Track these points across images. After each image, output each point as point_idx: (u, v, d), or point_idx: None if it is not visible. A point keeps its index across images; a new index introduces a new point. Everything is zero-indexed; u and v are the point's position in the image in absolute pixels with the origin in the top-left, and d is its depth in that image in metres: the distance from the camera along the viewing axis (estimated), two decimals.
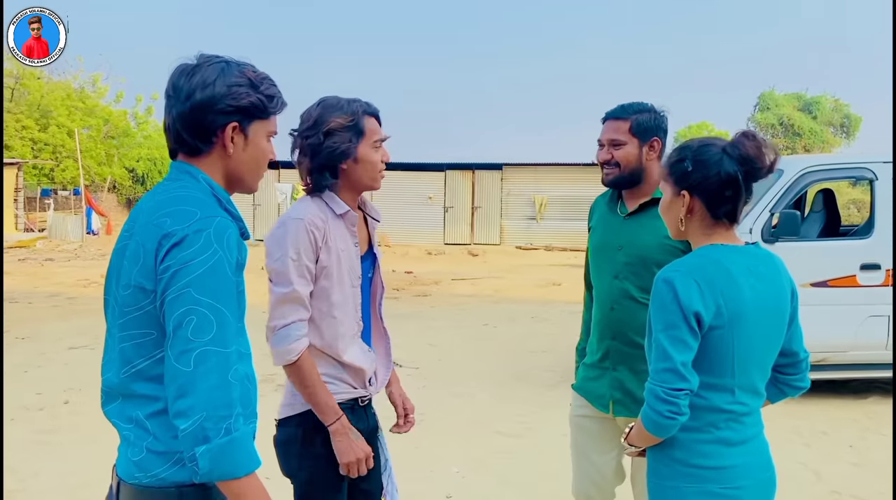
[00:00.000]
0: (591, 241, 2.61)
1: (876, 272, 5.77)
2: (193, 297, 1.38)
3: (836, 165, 6.36)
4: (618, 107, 2.49)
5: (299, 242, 2.09)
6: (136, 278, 1.45)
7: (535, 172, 22.97)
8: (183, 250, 1.39)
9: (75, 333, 8.70)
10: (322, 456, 2.14)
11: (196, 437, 1.35)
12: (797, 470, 4.43)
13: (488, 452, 4.74)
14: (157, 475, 1.47)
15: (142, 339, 1.46)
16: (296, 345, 2.09)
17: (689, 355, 1.71)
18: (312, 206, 2.16)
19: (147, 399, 1.48)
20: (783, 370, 1.95)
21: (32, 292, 12.17)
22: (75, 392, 6.09)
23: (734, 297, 1.74)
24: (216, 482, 1.41)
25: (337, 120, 2.12)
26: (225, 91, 1.52)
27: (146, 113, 35.97)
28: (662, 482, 1.84)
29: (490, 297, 12.23)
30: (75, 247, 20.90)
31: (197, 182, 1.54)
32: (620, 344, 2.47)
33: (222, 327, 1.40)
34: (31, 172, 28.59)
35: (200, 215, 1.43)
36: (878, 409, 5.81)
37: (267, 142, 1.63)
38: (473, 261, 19.32)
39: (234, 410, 1.39)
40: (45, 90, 30.08)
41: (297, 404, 2.18)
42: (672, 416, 1.71)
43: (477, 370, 6.83)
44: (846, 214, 21.06)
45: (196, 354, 1.37)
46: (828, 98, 36.26)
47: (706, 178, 1.79)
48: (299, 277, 2.09)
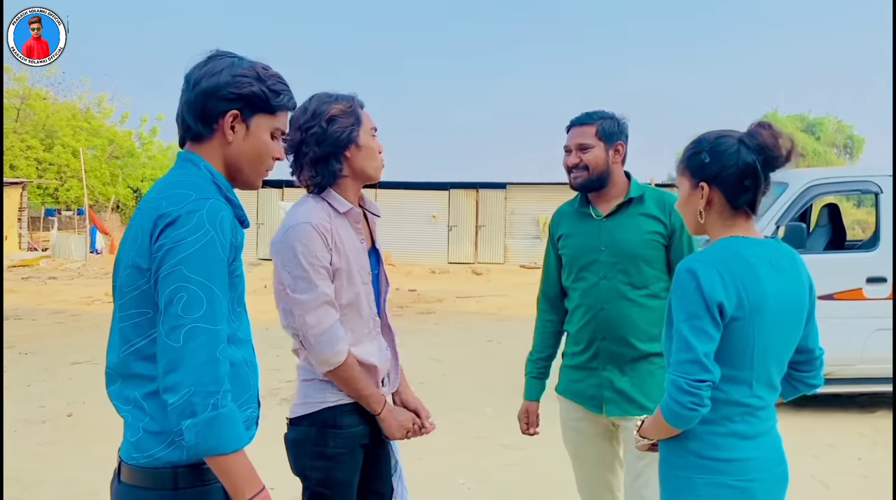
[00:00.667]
0: (567, 247, 2.63)
1: (882, 285, 5.76)
2: (184, 274, 1.41)
3: (841, 178, 6.38)
4: (583, 114, 2.57)
5: (313, 245, 2.06)
6: (134, 257, 1.48)
7: (539, 192, 23.01)
8: (176, 229, 1.42)
9: (78, 348, 8.70)
10: (334, 456, 2.13)
11: (184, 411, 1.38)
12: (807, 481, 4.39)
13: (494, 464, 4.72)
14: (152, 455, 1.49)
15: (139, 318, 1.49)
16: (341, 346, 2.09)
17: (711, 346, 1.70)
18: (316, 207, 2.13)
19: (144, 379, 1.49)
20: (798, 367, 1.93)
21: (36, 309, 12.18)
22: (78, 405, 6.09)
23: (755, 289, 1.73)
24: (203, 457, 1.42)
25: (337, 107, 2.14)
26: (229, 80, 1.56)
27: (151, 133, 36.22)
28: (676, 472, 1.82)
29: (494, 314, 12.22)
30: (78, 266, 20.92)
31: (198, 169, 1.57)
32: (611, 344, 2.50)
33: (212, 305, 1.42)
34: (35, 191, 28.75)
35: (195, 197, 1.46)
36: (886, 423, 5.76)
37: (271, 138, 1.64)
38: (477, 280, 19.31)
39: (221, 386, 1.41)
40: (51, 111, 30.32)
41: (309, 403, 2.17)
42: (695, 407, 1.68)
43: (482, 385, 6.81)
44: (851, 234, 21.07)
45: (186, 330, 1.40)
46: (831, 119, 36.49)
47: (725, 167, 1.78)
48: (321, 279, 2.07)
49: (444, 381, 6.97)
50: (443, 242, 23.25)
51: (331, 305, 2.09)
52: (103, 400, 5.02)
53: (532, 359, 2.78)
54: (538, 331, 2.78)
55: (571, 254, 2.61)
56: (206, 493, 1.51)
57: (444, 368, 7.75)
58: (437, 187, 23.23)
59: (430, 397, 2.51)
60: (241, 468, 1.43)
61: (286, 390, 6.45)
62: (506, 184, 23.36)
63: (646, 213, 2.50)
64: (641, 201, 2.52)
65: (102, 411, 5.92)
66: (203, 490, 1.50)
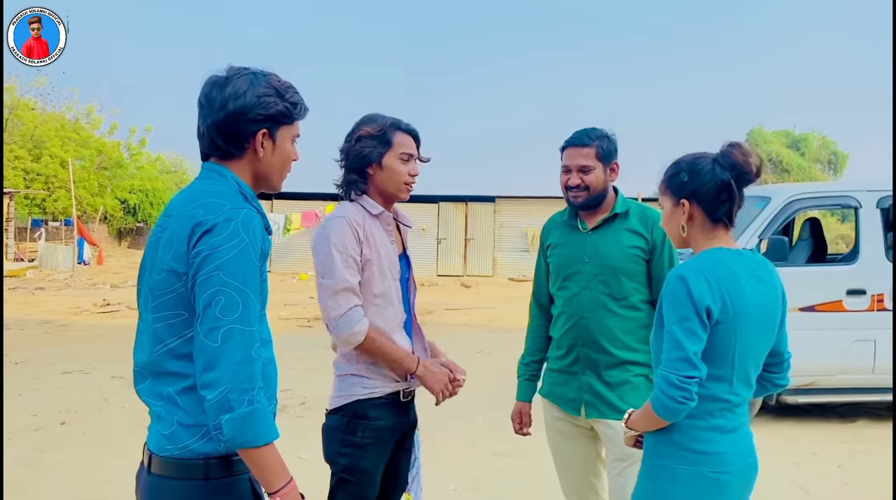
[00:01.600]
0: (555, 256, 2.77)
1: (861, 298, 5.91)
2: (222, 279, 1.51)
3: (822, 193, 6.54)
4: (580, 133, 2.67)
5: (344, 236, 2.29)
6: (170, 262, 1.57)
7: (527, 205, 23.19)
8: (213, 236, 1.52)
9: (69, 358, 8.71)
10: (361, 445, 2.33)
11: (221, 406, 1.48)
12: (787, 488, 4.51)
13: (485, 471, 4.81)
14: (186, 447, 1.57)
15: (174, 319, 1.58)
16: (359, 327, 2.28)
17: (700, 345, 1.86)
18: (350, 207, 2.39)
19: (178, 376, 1.58)
20: (769, 368, 2.10)
21: (24, 319, 12.15)
22: (71, 414, 6.12)
23: (738, 295, 1.90)
24: (238, 449, 1.51)
25: (366, 129, 2.40)
26: (255, 101, 1.66)
27: (139, 144, 36.22)
28: (660, 461, 1.97)
29: (484, 326, 12.32)
30: (66, 277, 20.84)
31: (225, 180, 1.67)
32: (590, 351, 2.63)
33: (247, 308, 1.53)
34: (22, 202, 28.61)
35: (230, 207, 1.57)
36: (867, 432, 5.90)
37: (291, 145, 1.77)
38: (466, 292, 19.40)
39: (255, 383, 1.51)
40: (39, 121, 30.27)
41: (342, 396, 2.37)
42: (684, 401, 1.84)
43: (473, 395, 6.85)
44: (835, 249, 21.33)
45: (223, 331, 1.50)
46: (815, 135, 37.00)
47: (702, 185, 1.97)
48: (346, 267, 2.28)
49: None
50: (432, 254, 23.34)
51: (351, 291, 2.29)
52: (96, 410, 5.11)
53: (524, 362, 2.89)
54: (530, 335, 2.89)
55: (558, 263, 2.74)
56: (234, 483, 1.60)
57: None
58: (426, 200, 23.32)
59: (421, 406, 2.63)
60: (272, 459, 1.52)
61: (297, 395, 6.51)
62: (495, 197, 23.52)
63: (629, 228, 2.64)
64: (626, 217, 2.65)
65: (95, 420, 5.99)
66: (231, 481, 1.60)
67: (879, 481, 4.73)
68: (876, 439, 5.71)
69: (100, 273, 22.42)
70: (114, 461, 4.92)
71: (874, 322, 5.88)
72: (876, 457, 5.25)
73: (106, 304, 14.36)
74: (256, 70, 1.71)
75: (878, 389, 5.97)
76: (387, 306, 2.37)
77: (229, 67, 1.71)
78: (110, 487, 4.44)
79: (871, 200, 6.04)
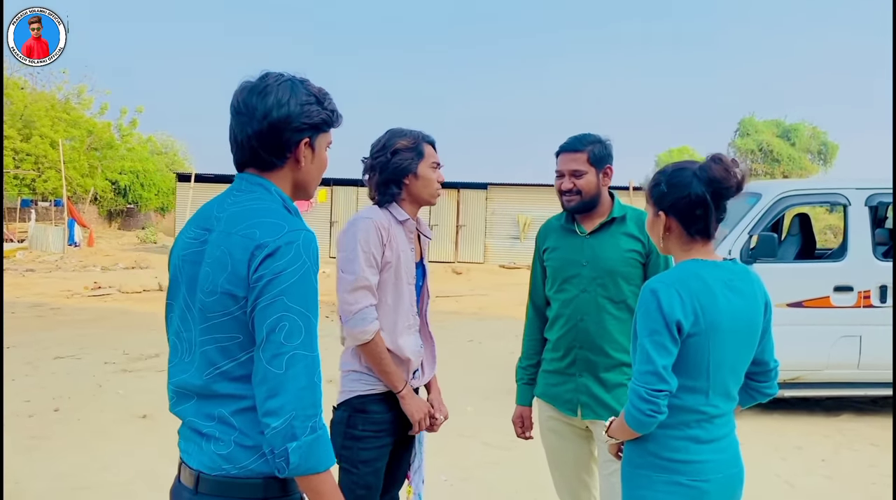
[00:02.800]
0: (552, 259, 2.80)
1: (849, 294, 5.99)
2: (286, 304, 1.48)
3: (812, 190, 6.61)
4: (573, 139, 2.72)
5: (369, 236, 2.43)
6: (224, 285, 1.53)
7: (519, 193, 23.22)
8: (276, 260, 1.49)
9: (61, 342, 8.72)
10: (361, 437, 2.48)
11: (286, 435, 1.45)
12: (772, 482, 4.60)
13: (476, 462, 4.88)
14: (245, 467, 1.56)
15: (228, 342, 1.55)
16: (371, 327, 2.43)
17: (669, 359, 1.88)
18: (379, 211, 2.54)
19: (232, 398, 1.56)
20: (754, 378, 2.11)
21: (15, 301, 12.12)
22: (65, 400, 6.15)
23: (711, 307, 1.90)
24: (299, 476, 1.50)
25: (402, 142, 2.55)
26: (299, 110, 1.62)
27: (130, 125, 35.94)
28: (636, 469, 2.01)
29: (475, 314, 12.37)
30: (56, 258, 20.76)
31: (270, 194, 1.63)
32: (588, 353, 2.68)
33: (310, 333, 1.50)
34: (11, 182, 28.39)
35: (289, 228, 1.53)
36: (850, 426, 6.01)
37: (326, 151, 1.75)
38: (457, 279, 19.45)
39: (318, 409, 1.50)
40: (29, 100, 29.97)
41: (346, 392, 2.53)
42: (652, 414, 1.87)
43: (464, 385, 6.94)
44: (822, 239, 21.49)
45: (287, 357, 1.47)
46: (806, 125, 37.04)
47: (679, 199, 1.97)
48: (368, 266, 2.43)
49: None
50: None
51: (369, 290, 2.43)
52: (89, 396, 5.14)
53: (522, 366, 2.93)
54: (527, 338, 2.94)
55: (555, 266, 2.78)
56: None
57: None
58: None
59: None
60: (329, 486, 1.52)
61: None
62: (487, 184, 23.53)
63: (626, 232, 2.68)
64: (623, 221, 2.70)
65: (89, 407, 6.02)
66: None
67: (860, 475, 4.84)
68: (859, 432, 5.82)
69: (90, 255, 22.34)
70: (109, 448, 4.97)
71: (860, 318, 5.97)
72: (858, 452, 5.36)
73: (97, 287, 14.34)
74: (293, 76, 1.67)
75: (863, 383, 6.08)
76: (399, 307, 2.51)
77: (264, 73, 1.67)
78: (105, 474, 4.48)
79: (860, 197, 6.11)
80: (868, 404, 6.57)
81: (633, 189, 18.52)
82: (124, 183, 33.41)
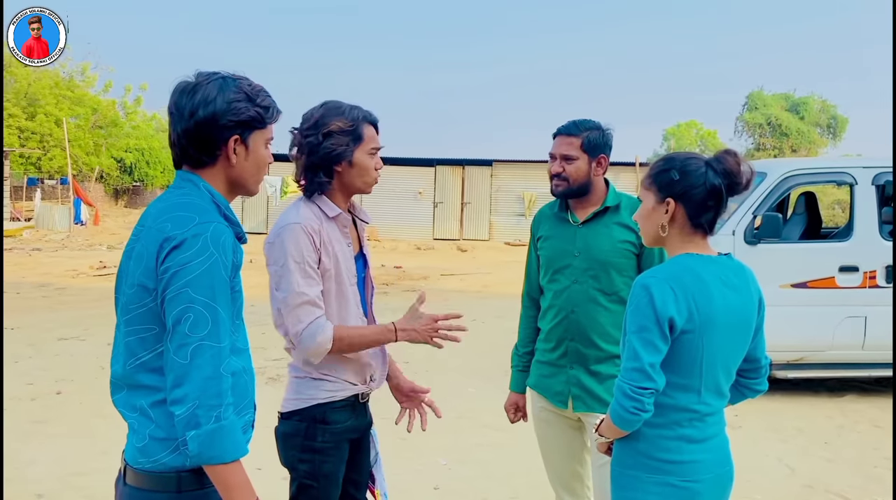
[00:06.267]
0: (545, 249, 2.75)
1: (854, 274, 5.93)
2: (191, 295, 1.51)
3: (818, 169, 6.52)
4: (570, 123, 2.64)
5: (300, 245, 2.15)
6: (140, 277, 1.57)
7: (524, 169, 23.07)
8: (182, 252, 1.52)
9: (65, 324, 8.75)
10: (322, 450, 2.24)
11: (188, 422, 1.50)
12: (772, 465, 4.57)
13: (475, 444, 4.87)
14: (158, 461, 1.59)
15: (145, 333, 1.59)
16: (322, 337, 2.15)
17: (657, 357, 1.83)
18: (305, 210, 2.23)
19: (150, 389, 1.60)
20: (745, 375, 2.07)
21: (20, 281, 12.17)
22: (67, 383, 6.17)
23: (706, 304, 1.86)
24: (204, 465, 1.53)
25: (337, 123, 2.21)
26: (225, 107, 1.64)
27: (135, 103, 35.79)
28: (625, 470, 1.97)
29: (479, 292, 12.36)
30: (62, 237, 20.82)
31: (198, 190, 1.66)
32: (579, 345, 2.63)
33: (216, 324, 1.54)
34: (17, 160, 28.41)
35: (198, 221, 1.55)
36: (854, 407, 5.98)
37: (265, 148, 1.75)
38: (462, 256, 19.43)
39: (224, 399, 1.53)
40: (33, 78, 29.83)
41: (301, 399, 2.26)
42: (636, 412, 1.83)
43: (465, 365, 6.94)
44: (831, 214, 21.30)
45: (192, 347, 1.51)
46: (815, 99, 36.63)
47: (693, 187, 1.91)
48: (304, 278, 2.15)
49: (428, 361, 7.09)
50: (428, 218, 23.32)
51: (311, 304, 2.16)
52: (92, 379, 5.10)
53: (518, 353, 2.90)
54: (523, 326, 2.90)
55: (548, 256, 2.72)
56: (206, 496, 1.61)
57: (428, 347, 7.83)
58: (423, 164, 23.23)
59: (414, 377, 2.65)
60: (237, 477, 1.54)
61: (272, 369, 6.57)
62: (492, 161, 23.41)
63: (620, 222, 2.62)
64: (617, 210, 2.63)
65: (91, 390, 6.02)
66: (203, 493, 1.61)
67: (863, 458, 4.81)
68: (862, 413, 5.79)
69: (96, 234, 22.40)
70: (110, 433, 4.95)
71: (866, 299, 5.91)
72: (861, 434, 5.33)
73: (103, 266, 14.37)
74: (226, 74, 1.69)
75: (868, 364, 6.04)
76: (346, 314, 2.27)
77: (198, 73, 1.69)
78: (106, 458, 4.49)
79: (866, 176, 6.02)
80: (872, 385, 6.54)
81: (640, 165, 18.37)
82: (130, 161, 33.35)
